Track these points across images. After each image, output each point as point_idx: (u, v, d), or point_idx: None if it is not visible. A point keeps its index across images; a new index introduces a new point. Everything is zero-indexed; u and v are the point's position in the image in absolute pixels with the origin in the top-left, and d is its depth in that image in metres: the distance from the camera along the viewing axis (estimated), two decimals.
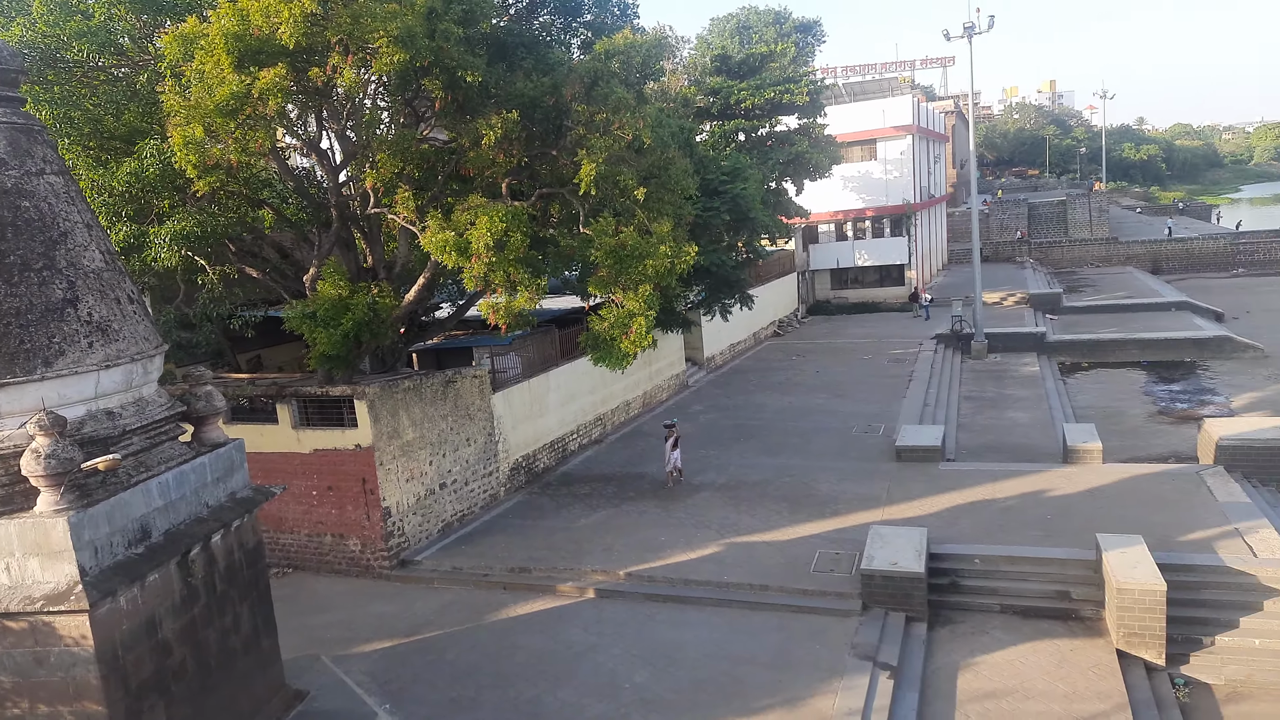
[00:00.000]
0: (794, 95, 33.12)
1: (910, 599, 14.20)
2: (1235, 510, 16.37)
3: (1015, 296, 44.00)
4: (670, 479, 20.40)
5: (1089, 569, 14.43)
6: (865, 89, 54.49)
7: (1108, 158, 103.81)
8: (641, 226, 15.95)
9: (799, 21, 51.85)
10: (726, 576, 15.67)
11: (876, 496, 18.87)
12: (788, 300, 43.58)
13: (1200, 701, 12.29)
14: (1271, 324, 37.19)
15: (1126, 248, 59.45)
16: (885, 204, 45.69)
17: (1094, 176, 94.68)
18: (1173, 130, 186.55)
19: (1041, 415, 25.86)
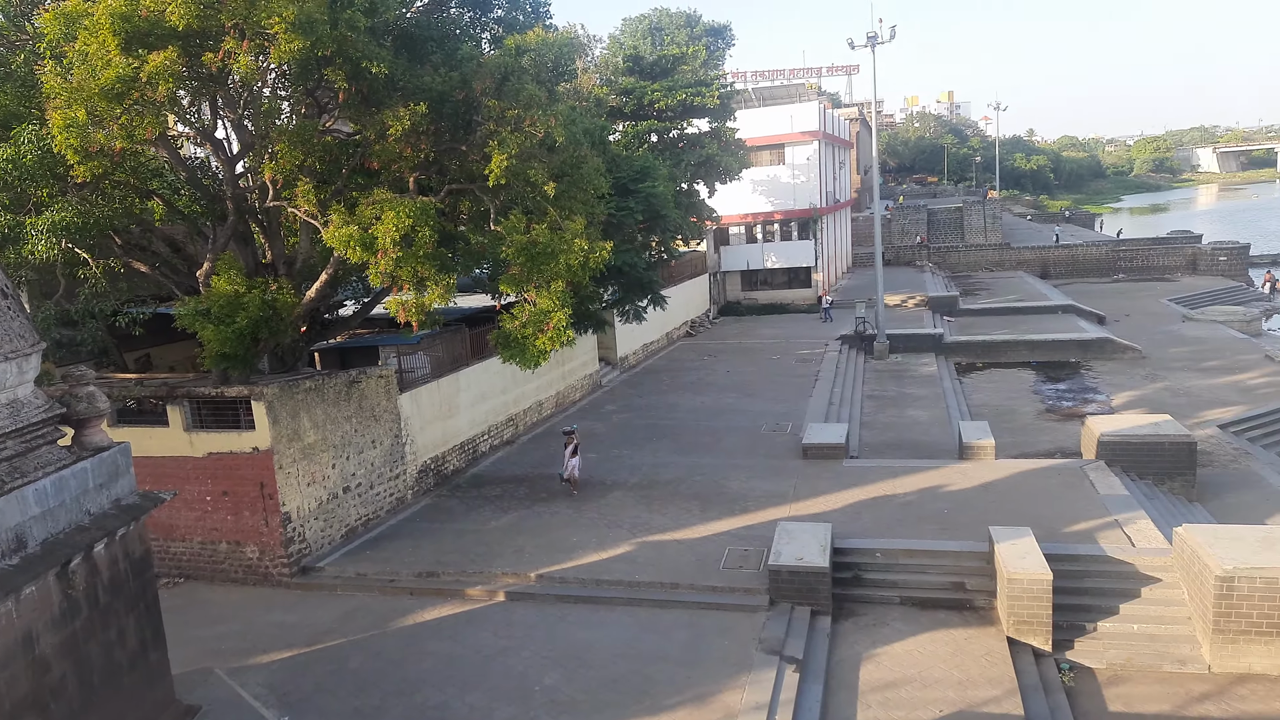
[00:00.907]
0: (705, 98, 33.53)
1: (816, 593, 14.54)
2: (1115, 502, 17.38)
3: (915, 299, 45.63)
4: (574, 485, 19.88)
5: (982, 560, 15.08)
6: (774, 94, 55.65)
7: (1001, 167, 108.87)
8: (554, 224, 15.87)
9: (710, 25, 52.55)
10: (638, 576, 15.72)
11: (784, 493, 19.25)
12: (700, 301, 44.09)
13: (1084, 685, 12.98)
14: (1148, 327, 39.66)
15: (1018, 253, 62.41)
16: (793, 208, 46.74)
17: (988, 185, 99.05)
18: (1060, 142, 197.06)
19: (939, 413, 26.89)
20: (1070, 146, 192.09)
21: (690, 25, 51.55)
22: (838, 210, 54.97)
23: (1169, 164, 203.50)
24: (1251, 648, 12.77)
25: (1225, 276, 54.42)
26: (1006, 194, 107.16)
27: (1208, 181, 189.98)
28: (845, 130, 60.21)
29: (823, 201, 47.38)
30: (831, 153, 52.22)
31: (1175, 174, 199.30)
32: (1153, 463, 19.71)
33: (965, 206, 70.58)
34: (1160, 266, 57.45)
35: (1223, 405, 26.72)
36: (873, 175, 40.10)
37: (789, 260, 47.53)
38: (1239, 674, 12.76)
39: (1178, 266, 56.99)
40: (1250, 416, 25.75)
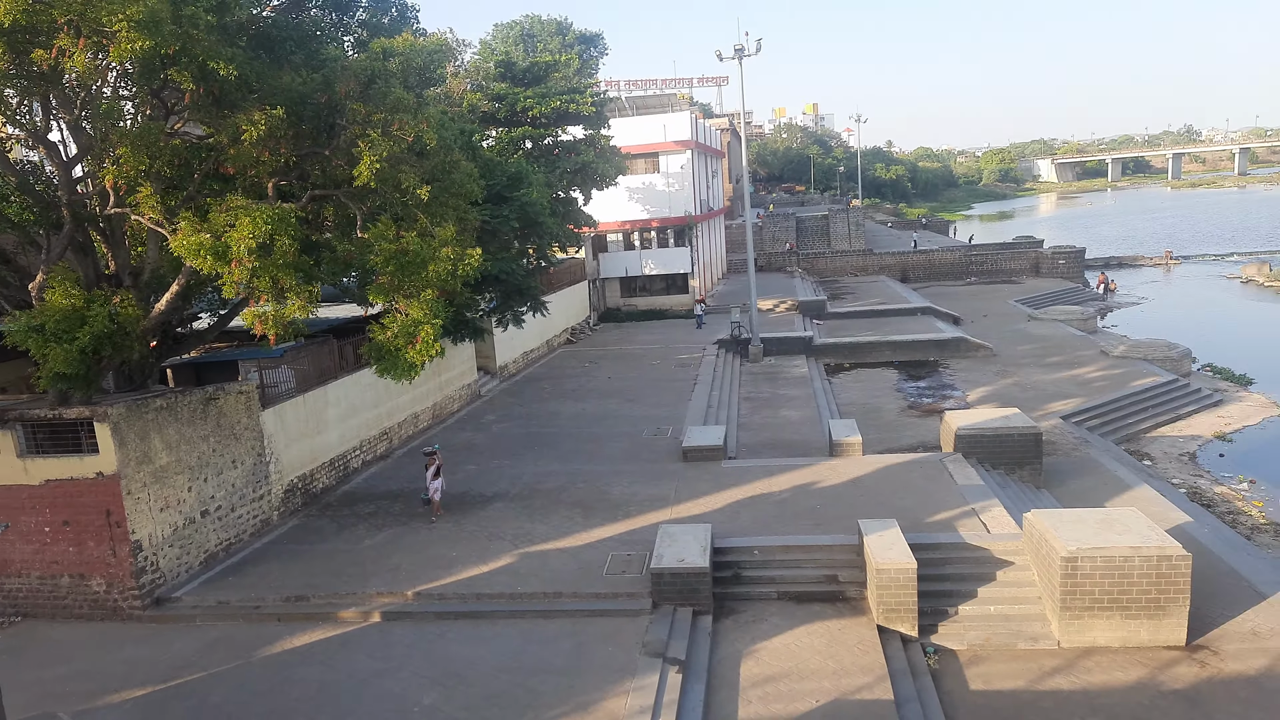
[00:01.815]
0: (580, 105, 33.58)
1: (697, 593, 14.74)
2: (972, 492, 18.44)
3: (786, 303, 47.15)
4: (437, 509, 18.94)
5: (853, 553, 15.68)
6: (647, 103, 56.39)
7: (863, 177, 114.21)
8: (424, 231, 15.46)
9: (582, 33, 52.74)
10: (520, 587, 15.50)
11: (665, 496, 19.45)
12: (580, 307, 44.08)
13: (947, 666, 13.69)
14: (998, 327, 42.43)
15: (880, 259, 65.57)
16: (669, 215, 47.46)
17: (851, 193, 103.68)
18: (916, 153, 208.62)
19: (811, 413, 27.85)
20: (925, 157, 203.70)
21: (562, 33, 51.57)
22: (712, 218, 56.17)
23: (1013, 174, 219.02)
24: (1095, 622, 13.79)
25: (1064, 278, 58.93)
26: (868, 202, 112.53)
27: (1047, 190, 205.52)
28: (717, 140, 61.66)
29: (697, 209, 48.32)
30: (704, 162, 53.34)
31: (1019, 183, 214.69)
32: (1004, 453, 21.02)
33: (831, 214, 73.60)
34: (1007, 270, 61.61)
35: (1064, 398, 28.88)
36: (744, 184, 41.20)
37: (667, 267, 48.21)
38: (1085, 647, 13.76)
39: (1023, 269, 61.28)
40: (1088, 408, 27.96)
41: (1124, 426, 27.63)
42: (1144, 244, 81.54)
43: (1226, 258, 68.87)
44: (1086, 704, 12.39)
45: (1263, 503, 21.90)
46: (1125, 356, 34.01)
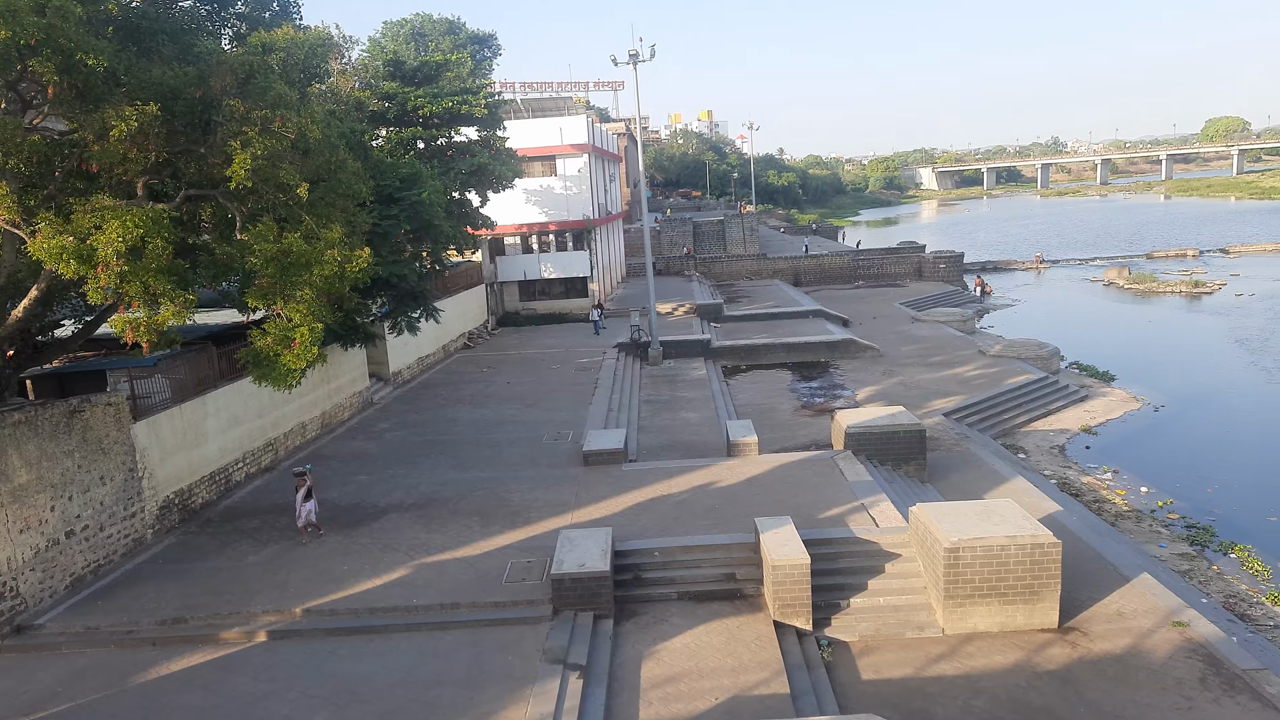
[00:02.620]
0: (473, 106, 33.06)
1: (598, 597, 14.70)
2: (861, 488, 19.09)
3: (685, 307, 47.75)
4: (305, 535, 17.66)
5: (750, 550, 15.97)
6: (543, 106, 56.09)
7: (756, 183, 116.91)
8: (308, 232, 14.88)
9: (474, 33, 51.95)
10: (416, 599, 15.11)
11: (566, 501, 19.34)
12: (477, 312, 43.41)
13: (840, 658, 14.10)
14: (884, 329, 44.13)
15: (773, 263, 67.21)
16: (567, 219, 47.32)
17: (744, 199, 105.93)
18: (806, 161, 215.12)
19: (709, 414, 28.26)
20: (815, 165, 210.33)
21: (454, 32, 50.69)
22: (610, 222, 56.34)
23: (897, 181, 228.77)
24: (976, 609, 14.48)
25: (945, 282, 61.83)
26: (761, 208, 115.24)
27: (929, 197, 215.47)
28: (614, 144, 61.91)
29: (595, 213, 48.36)
30: (602, 166, 53.45)
31: (903, 191, 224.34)
32: (891, 449, 21.86)
33: (726, 220, 74.98)
34: (892, 274, 64.19)
35: (946, 395, 30.28)
36: (641, 189, 41.53)
37: (566, 270, 48.05)
38: (967, 633, 14.42)
39: (906, 273, 63.97)
40: (968, 405, 29.40)
41: (1000, 422, 29.19)
42: (1017, 249, 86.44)
43: (1090, 262, 73.73)
44: (969, 688, 12.98)
45: (1125, 491, 23.52)
46: (1000, 356, 35.93)
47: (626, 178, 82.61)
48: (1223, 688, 12.55)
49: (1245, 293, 53.39)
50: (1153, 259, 72.44)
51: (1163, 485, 23.79)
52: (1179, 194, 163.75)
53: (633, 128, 73.83)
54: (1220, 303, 51.32)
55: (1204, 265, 66.64)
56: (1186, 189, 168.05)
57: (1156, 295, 55.75)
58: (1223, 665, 13.04)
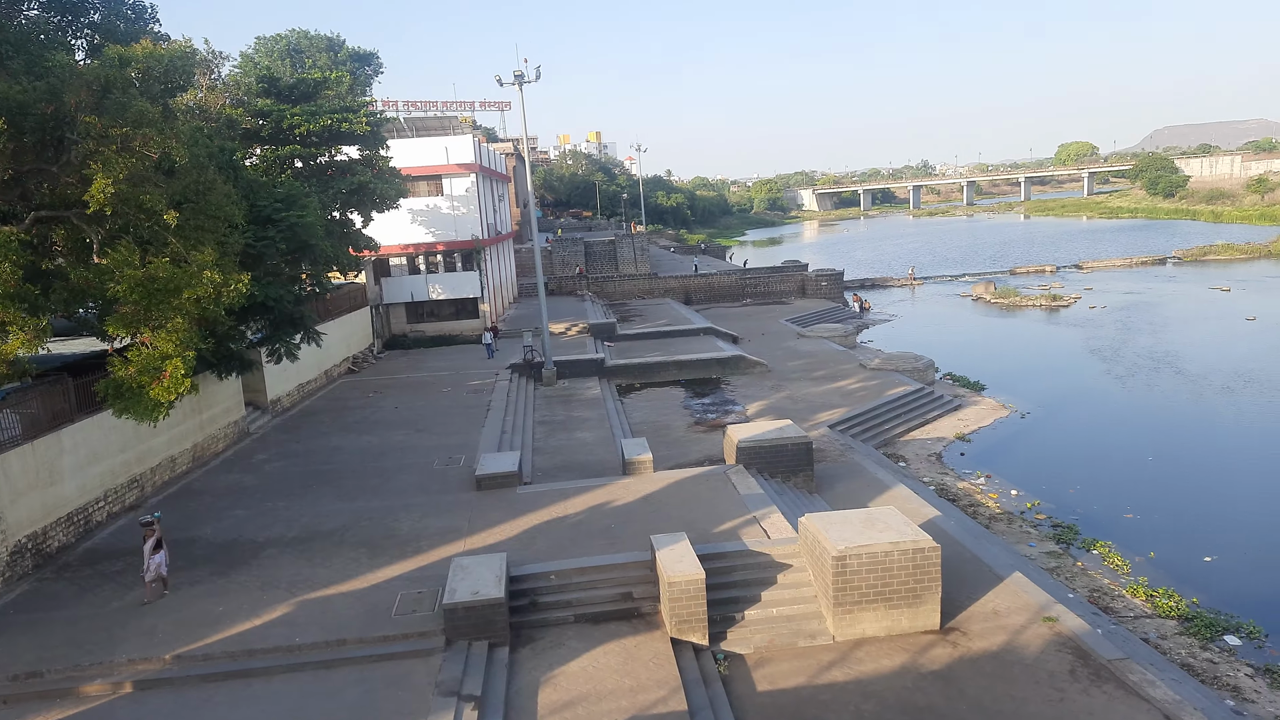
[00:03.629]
0: (354, 125, 32.16)
1: (493, 625, 14.39)
2: (753, 501, 19.44)
3: (578, 326, 47.71)
4: (150, 591, 15.94)
5: (646, 569, 15.99)
6: (427, 125, 55.14)
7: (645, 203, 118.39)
8: (176, 255, 14.10)
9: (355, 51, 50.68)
10: (299, 638, 14.39)
11: (459, 528, 18.89)
12: (362, 335, 42.07)
13: (737, 671, 14.26)
14: (772, 345, 45.31)
15: (664, 282, 68.10)
16: (455, 239, 46.58)
17: (634, 219, 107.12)
18: (694, 182, 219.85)
19: (604, 433, 28.25)
20: (702, 186, 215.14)
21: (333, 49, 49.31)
22: (500, 242, 55.82)
23: (780, 203, 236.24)
24: (864, 615, 14.93)
25: (827, 299, 64.09)
26: (652, 228, 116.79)
27: (810, 218, 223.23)
28: (502, 164, 61.48)
29: (485, 233, 47.80)
30: (490, 186, 52.96)
31: (786, 211, 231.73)
32: (780, 462, 22.38)
33: (617, 240, 75.48)
34: (778, 291, 66.11)
35: (831, 408, 31.30)
36: (531, 209, 41.32)
37: (455, 291, 47.21)
38: (856, 639, 14.85)
39: (791, 291, 66.00)
40: (851, 416, 30.47)
41: (882, 432, 30.37)
42: (892, 267, 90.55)
43: (959, 278, 77.95)
44: (859, 692, 13.35)
45: (997, 494, 24.84)
46: (880, 369, 37.45)
47: (516, 198, 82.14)
48: (1090, 678, 13.35)
49: (1098, 305, 57.58)
50: (1015, 274, 77.20)
51: (1031, 488, 25.25)
52: (1037, 214, 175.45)
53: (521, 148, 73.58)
54: (1076, 315, 55.15)
55: (1061, 280, 71.51)
56: (1043, 209, 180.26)
57: (1020, 309, 59.40)
58: (1090, 657, 13.88)
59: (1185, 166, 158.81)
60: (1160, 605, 17.77)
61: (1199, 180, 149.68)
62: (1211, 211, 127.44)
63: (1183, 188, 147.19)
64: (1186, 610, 17.56)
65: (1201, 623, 17.00)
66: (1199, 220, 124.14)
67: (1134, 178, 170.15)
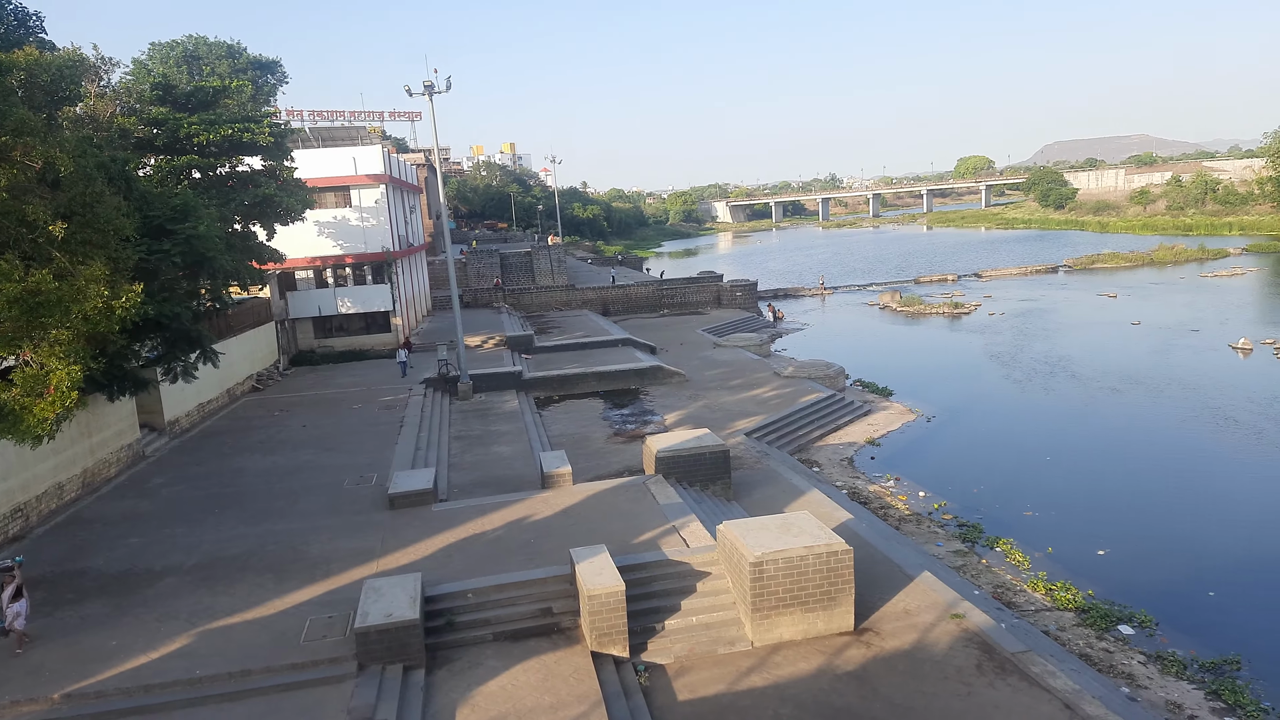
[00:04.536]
0: (256, 135, 31.06)
1: (407, 648, 14.01)
2: (672, 510, 19.53)
3: (495, 339, 47.18)
4: (20, 641, 14.57)
5: (566, 583, 15.85)
6: (335, 135, 53.79)
7: (562, 215, 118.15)
8: (61, 269, 13.32)
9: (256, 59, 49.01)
10: (200, 670, 13.71)
11: (371, 549, 18.36)
12: (267, 351, 40.60)
13: (657, 681, 14.24)
14: (689, 354, 45.75)
15: (582, 293, 68.05)
16: (365, 251, 45.51)
17: (551, 231, 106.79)
18: (610, 194, 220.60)
19: (523, 447, 27.95)
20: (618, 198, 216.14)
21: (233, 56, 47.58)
22: (413, 254, 54.80)
23: (695, 215, 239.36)
24: (781, 620, 15.15)
25: (742, 309, 65.14)
26: (568, 240, 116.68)
27: (724, 229, 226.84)
28: (413, 175, 60.44)
29: (396, 245, 46.85)
30: (401, 197, 51.99)
31: (700, 223, 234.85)
32: (698, 471, 22.56)
33: (534, 251, 75.09)
34: (694, 302, 66.86)
35: (747, 416, 31.75)
36: (444, 220, 40.74)
37: (366, 305, 46.08)
38: (774, 644, 15.04)
39: (707, 301, 66.85)
40: (767, 424, 30.98)
41: (796, 438, 30.98)
42: (803, 277, 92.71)
43: (867, 287, 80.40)
44: (777, 696, 13.51)
45: (906, 496, 25.62)
46: (794, 376, 38.23)
47: (428, 209, 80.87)
48: (996, 671, 13.85)
49: (997, 312, 60.20)
50: (919, 283, 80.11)
51: (937, 489, 26.13)
52: (938, 225, 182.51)
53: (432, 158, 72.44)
54: (977, 322, 57.52)
55: (962, 289, 74.51)
56: (944, 220, 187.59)
57: (924, 316, 61.61)
58: (995, 651, 14.40)
59: (1074, 180, 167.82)
60: (1059, 598, 18.61)
61: (1086, 193, 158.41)
62: (1098, 222, 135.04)
63: (1072, 200, 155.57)
64: (1083, 602, 18.43)
65: (1097, 614, 17.87)
66: (1087, 230, 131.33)
67: (1027, 190, 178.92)
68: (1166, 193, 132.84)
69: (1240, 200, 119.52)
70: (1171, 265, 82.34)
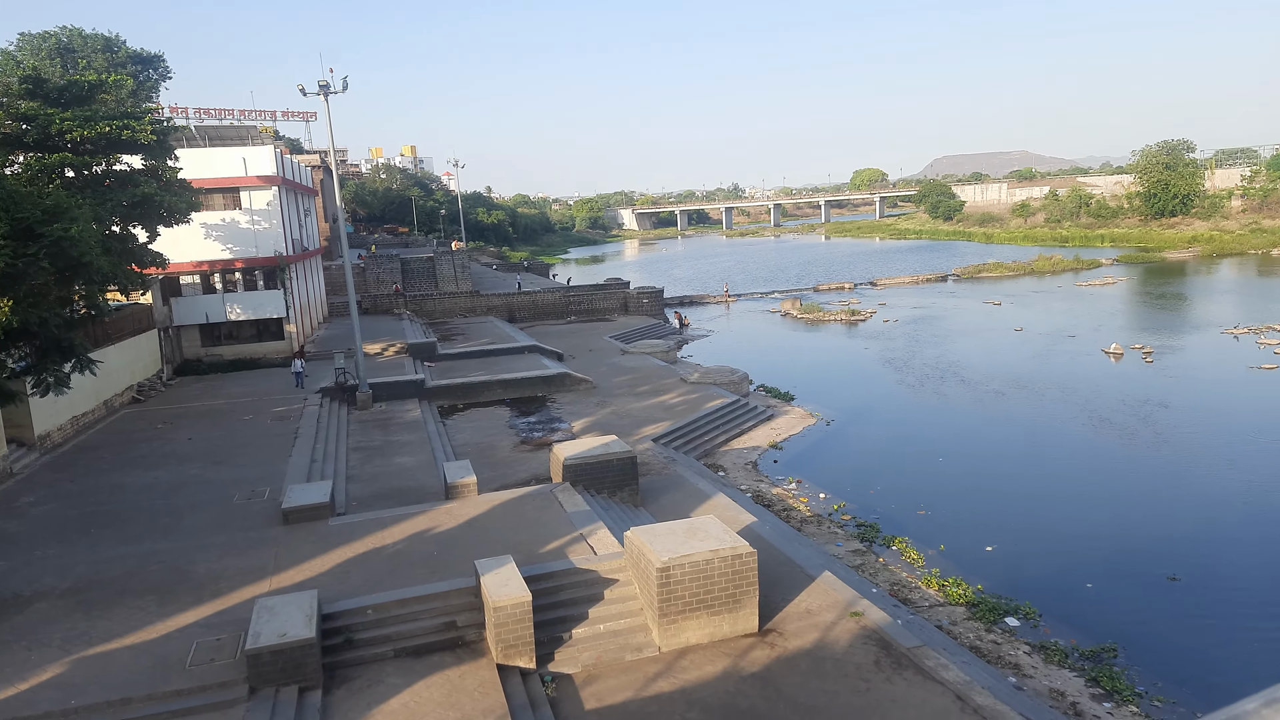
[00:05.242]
0: (137, 132, 29.33)
1: (303, 668, 13.45)
2: (579, 518, 19.43)
3: (395, 346, 46.00)
4: None
5: (471, 595, 15.54)
6: (223, 134, 51.42)
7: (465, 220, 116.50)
8: None
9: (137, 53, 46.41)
10: (75, 700, 12.81)
11: (264, 566, 17.57)
12: (149, 360, 38.43)
13: (565, 691, 14.11)
14: (597, 361, 45.72)
15: (487, 299, 67.14)
16: (256, 255, 43.65)
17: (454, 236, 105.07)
18: (515, 199, 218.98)
19: (426, 457, 27.30)
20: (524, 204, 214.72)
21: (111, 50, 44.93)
22: (308, 259, 52.91)
23: (601, 221, 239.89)
24: (688, 624, 15.24)
25: (649, 315, 65.58)
26: (473, 245, 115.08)
27: (631, 237, 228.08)
28: (308, 177, 58.41)
29: (289, 249, 45.11)
30: (295, 200, 50.14)
31: (607, 230, 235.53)
32: (606, 478, 22.53)
33: (437, 256, 73.69)
34: (602, 309, 66.92)
35: (654, 422, 31.93)
36: (340, 224, 39.52)
37: (257, 311, 44.16)
38: (681, 648, 15.12)
39: (614, 308, 67.00)
40: (674, 430, 31.23)
41: (702, 443, 31.35)
42: (708, 284, 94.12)
43: (769, 295, 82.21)
44: (684, 701, 13.58)
45: (807, 498, 26.24)
46: (699, 383, 38.70)
47: (325, 213, 78.37)
48: (893, 667, 14.30)
49: (891, 319, 62.50)
50: (818, 291, 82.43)
51: (837, 490, 26.88)
52: (836, 235, 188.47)
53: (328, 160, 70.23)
54: (872, 328, 59.57)
55: (858, 296, 77.07)
56: (842, 230, 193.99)
57: (823, 323, 63.41)
58: (892, 647, 14.87)
59: (961, 193, 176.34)
60: (951, 594, 19.39)
61: (973, 205, 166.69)
62: (984, 233, 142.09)
63: (960, 212, 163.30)
64: (973, 597, 19.26)
65: (986, 607, 18.70)
66: (973, 241, 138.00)
67: (918, 202, 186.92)
68: (1045, 206, 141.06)
69: (1111, 213, 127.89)
70: (1050, 275, 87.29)
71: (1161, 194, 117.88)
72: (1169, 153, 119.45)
